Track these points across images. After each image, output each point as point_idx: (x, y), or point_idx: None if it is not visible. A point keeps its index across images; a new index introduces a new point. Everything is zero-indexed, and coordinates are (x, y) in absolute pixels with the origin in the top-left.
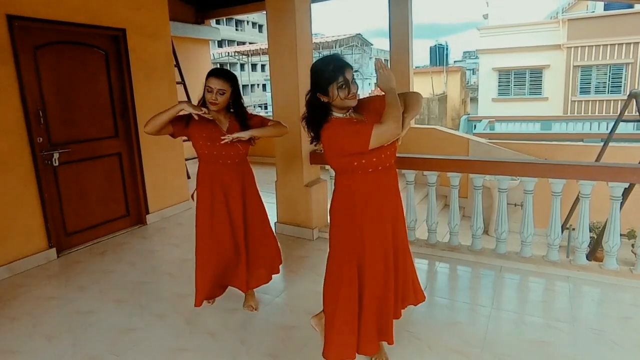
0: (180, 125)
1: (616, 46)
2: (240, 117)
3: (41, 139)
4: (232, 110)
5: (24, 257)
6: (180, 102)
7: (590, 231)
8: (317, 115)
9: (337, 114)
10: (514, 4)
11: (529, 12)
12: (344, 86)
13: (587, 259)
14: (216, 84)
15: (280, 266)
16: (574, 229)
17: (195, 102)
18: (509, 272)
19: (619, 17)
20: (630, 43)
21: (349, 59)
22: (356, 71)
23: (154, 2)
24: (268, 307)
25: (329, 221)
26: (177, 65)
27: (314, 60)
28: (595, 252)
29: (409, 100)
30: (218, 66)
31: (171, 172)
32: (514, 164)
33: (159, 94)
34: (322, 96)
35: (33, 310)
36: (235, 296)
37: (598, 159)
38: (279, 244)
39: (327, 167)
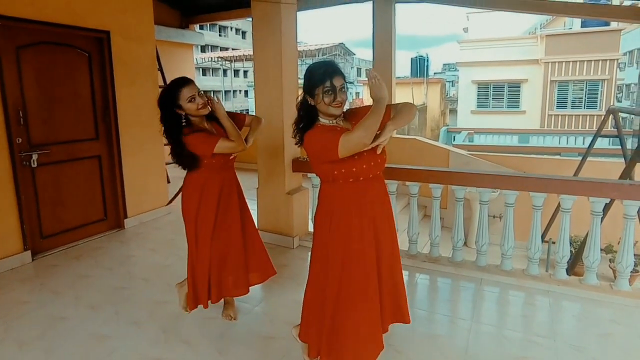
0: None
1: (592, 62)
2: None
3: (20, 140)
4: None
5: None
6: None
7: (569, 245)
8: (304, 118)
9: (323, 120)
10: (494, 19)
11: (508, 27)
12: (329, 92)
13: (567, 273)
14: (192, 90)
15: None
16: (554, 243)
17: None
18: (489, 284)
19: (595, 34)
20: (606, 60)
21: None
22: (350, 82)
23: (140, 5)
24: (247, 316)
25: (311, 229)
26: (160, 69)
27: (299, 68)
28: (574, 266)
29: (400, 110)
30: (200, 71)
31: (151, 177)
32: (496, 176)
33: (142, 97)
34: (310, 99)
35: (5, 314)
36: (215, 304)
37: (576, 173)
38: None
39: (310, 175)
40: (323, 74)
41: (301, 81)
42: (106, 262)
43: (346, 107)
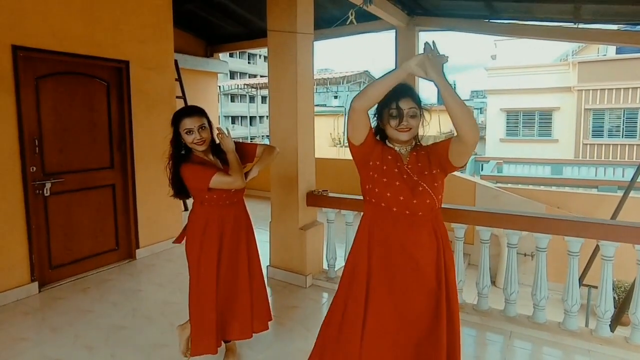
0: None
1: (630, 90)
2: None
3: (34, 168)
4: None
5: (4, 291)
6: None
7: (612, 290)
8: (378, 131)
9: (389, 145)
10: (522, 46)
11: (538, 54)
12: (395, 115)
13: (611, 329)
14: (193, 122)
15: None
16: (595, 287)
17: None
18: (520, 338)
19: (631, 60)
20: None
21: (354, 95)
22: (424, 108)
23: (160, 36)
24: None
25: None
26: (183, 97)
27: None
28: (620, 317)
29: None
30: (229, 97)
31: (165, 207)
32: (526, 217)
33: (158, 126)
34: (380, 122)
35: (1, 351)
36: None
37: (617, 210)
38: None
39: (325, 209)
40: (390, 96)
41: (317, 109)
42: (112, 297)
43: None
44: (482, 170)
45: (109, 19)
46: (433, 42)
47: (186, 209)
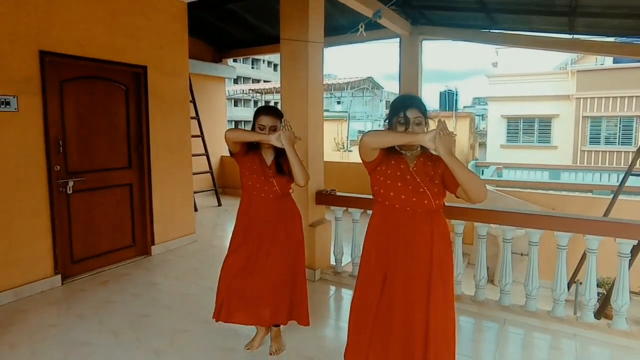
0: (243, 149)
1: (626, 99)
2: (282, 154)
3: (58, 167)
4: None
5: (29, 283)
6: (270, 135)
7: (599, 286)
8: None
9: (397, 149)
10: (523, 54)
11: (538, 62)
12: (402, 123)
13: (595, 316)
14: (268, 120)
15: None
16: (581, 283)
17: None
18: (513, 325)
19: (628, 70)
20: None
21: (359, 101)
22: (429, 117)
23: (176, 42)
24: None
25: (333, 262)
26: (193, 101)
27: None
28: (604, 308)
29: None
30: (232, 102)
31: (179, 205)
32: (517, 214)
33: (174, 128)
34: (390, 127)
35: (32, 336)
36: (236, 334)
37: (607, 212)
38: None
39: (334, 207)
40: (399, 105)
41: (326, 114)
42: (132, 289)
43: None
44: (482, 174)
45: (130, 26)
46: (444, 121)
47: (196, 209)
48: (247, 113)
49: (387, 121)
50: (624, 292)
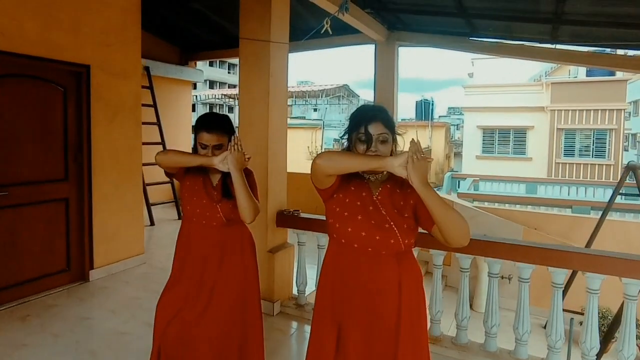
0: (182, 171)
1: (599, 112)
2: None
3: None
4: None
5: None
6: (213, 157)
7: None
8: None
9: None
10: (499, 65)
11: (513, 73)
12: (363, 140)
13: (598, 355)
14: (210, 139)
15: None
16: (577, 313)
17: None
18: None
19: (601, 83)
20: (613, 109)
21: (335, 108)
22: (397, 132)
23: (127, 40)
24: None
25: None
26: (154, 106)
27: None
28: (607, 344)
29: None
30: (207, 106)
31: (126, 222)
32: (509, 246)
33: (121, 136)
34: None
35: None
36: None
37: (594, 234)
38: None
39: (297, 230)
40: (359, 119)
41: (290, 121)
42: (54, 326)
43: None
44: (458, 187)
45: (69, 19)
46: (418, 141)
47: (152, 223)
48: None
49: (345, 137)
50: (631, 341)
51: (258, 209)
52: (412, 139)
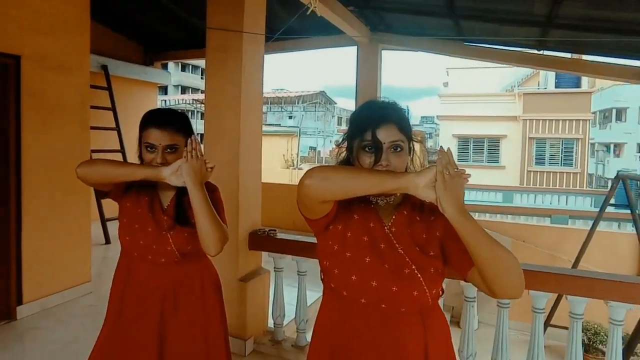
0: (120, 187)
1: (567, 122)
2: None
3: None
4: None
5: None
6: (163, 168)
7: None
8: None
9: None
10: (473, 75)
11: (487, 83)
12: (370, 148)
13: None
14: (161, 137)
15: None
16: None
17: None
18: None
19: (568, 95)
20: (579, 120)
21: (311, 115)
22: (415, 139)
23: (68, 28)
24: None
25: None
26: (113, 109)
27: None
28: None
29: None
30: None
31: (67, 245)
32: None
33: (61, 142)
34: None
35: None
36: None
37: (584, 246)
38: None
39: (273, 254)
40: (364, 120)
41: (265, 127)
42: None
43: None
44: None
45: None
46: (449, 150)
47: (107, 242)
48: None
49: (344, 144)
50: None
51: (226, 236)
52: (441, 147)
